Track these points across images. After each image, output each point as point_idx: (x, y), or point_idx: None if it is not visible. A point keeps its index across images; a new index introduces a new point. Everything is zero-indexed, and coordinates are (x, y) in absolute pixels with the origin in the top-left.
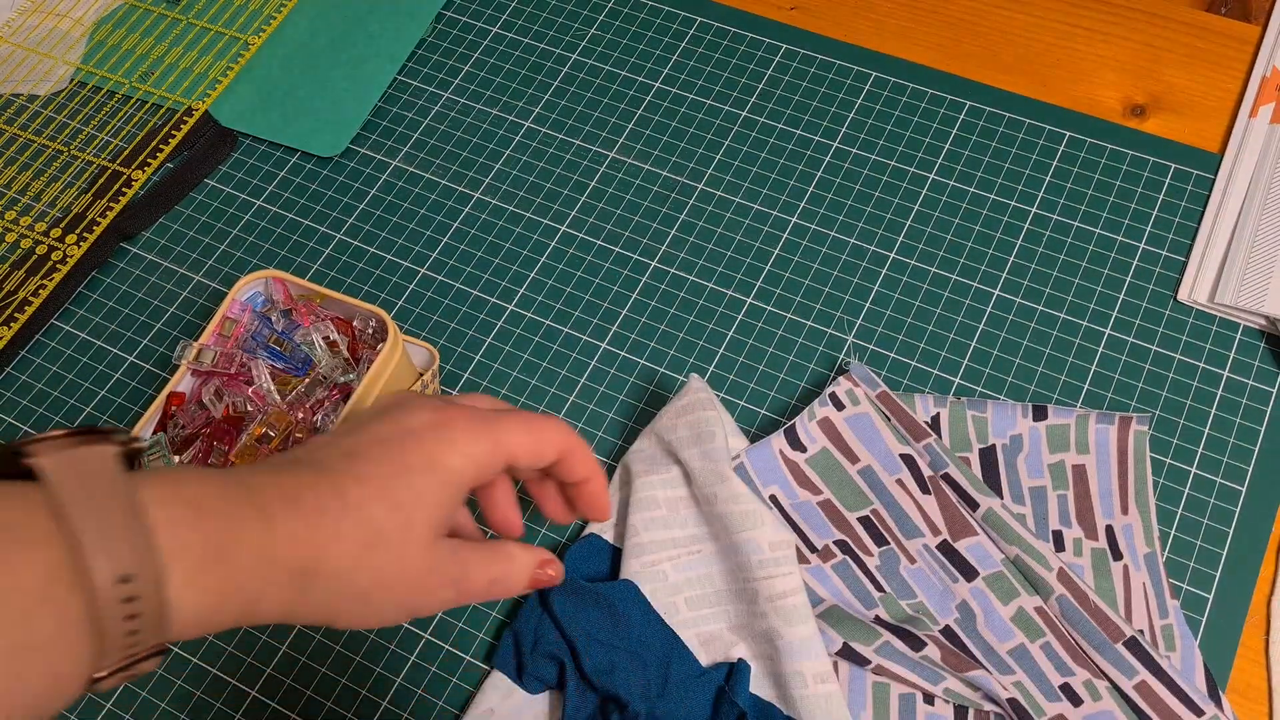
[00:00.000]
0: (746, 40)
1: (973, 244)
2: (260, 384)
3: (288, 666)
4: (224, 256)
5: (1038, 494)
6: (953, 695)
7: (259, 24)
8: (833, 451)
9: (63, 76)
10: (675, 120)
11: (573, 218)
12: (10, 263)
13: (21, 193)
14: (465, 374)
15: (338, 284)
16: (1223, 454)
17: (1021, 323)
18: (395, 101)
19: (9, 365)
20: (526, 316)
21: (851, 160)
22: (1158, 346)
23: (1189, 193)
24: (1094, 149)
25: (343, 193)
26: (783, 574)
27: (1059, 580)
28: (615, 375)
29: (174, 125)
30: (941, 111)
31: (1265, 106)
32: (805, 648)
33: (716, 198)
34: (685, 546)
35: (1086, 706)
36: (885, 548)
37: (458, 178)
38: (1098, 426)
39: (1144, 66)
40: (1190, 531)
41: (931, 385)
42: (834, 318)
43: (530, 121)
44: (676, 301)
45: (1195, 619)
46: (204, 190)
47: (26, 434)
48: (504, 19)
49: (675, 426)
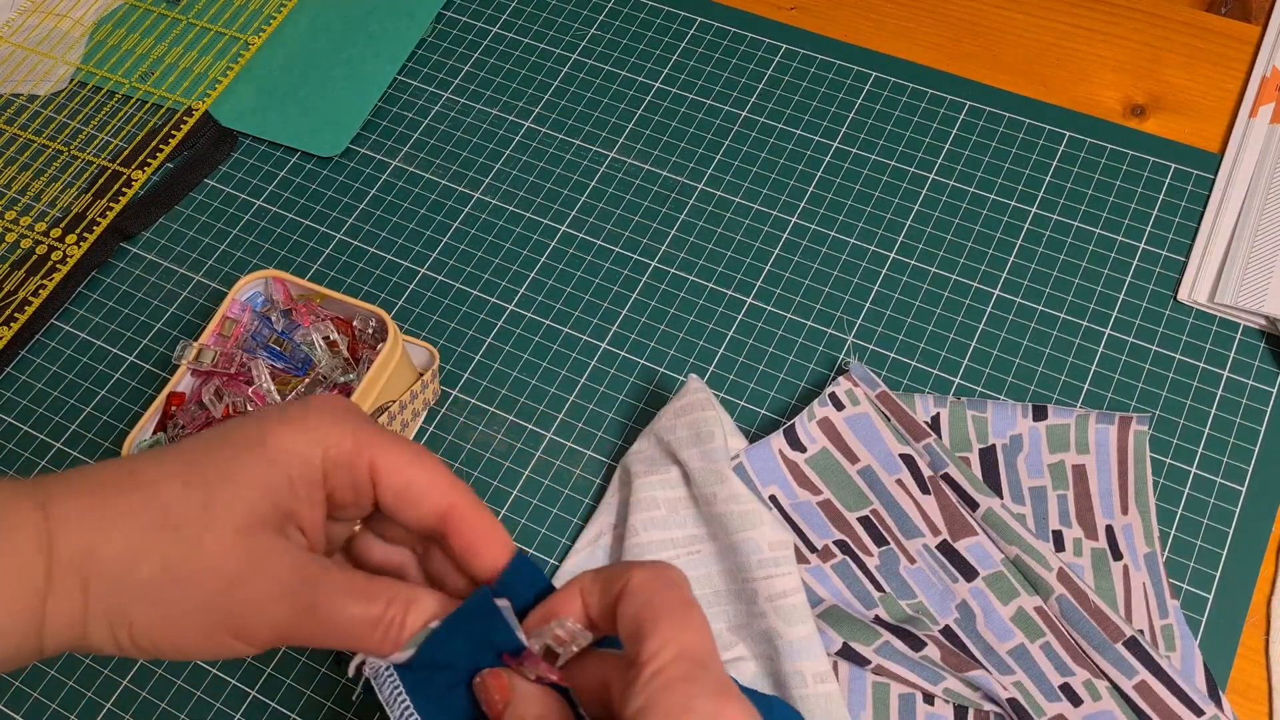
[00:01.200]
0: (746, 40)
1: (973, 244)
2: (260, 384)
3: (288, 666)
4: (224, 256)
5: (1038, 494)
6: (953, 695)
7: (259, 24)
8: (832, 451)
9: (63, 76)
10: (675, 120)
11: (573, 218)
12: (10, 263)
13: (21, 193)
14: (465, 374)
15: (338, 284)
16: (1223, 454)
17: (1021, 323)
18: (395, 101)
19: (9, 365)
20: (526, 316)
21: (851, 160)
22: (1158, 346)
23: (1189, 193)
24: (1094, 149)
25: (343, 193)
26: (782, 574)
27: (1059, 580)
28: (615, 375)
29: (174, 125)
30: (941, 111)
31: (1265, 106)
32: (805, 647)
33: (716, 198)
34: (685, 547)
35: (1086, 706)
36: (885, 548)
37: (458, 178)
38: (1098, 426)
39: (1144, 66)
40: (1190, 531)
41: (931, 385)
42: (834, 318)
43: (530, 121)
44: (676, 301)
45: (1195, 619)
46: (204, 190)
47: (27, 434)
48: (504, 19)
49: (674, 427)
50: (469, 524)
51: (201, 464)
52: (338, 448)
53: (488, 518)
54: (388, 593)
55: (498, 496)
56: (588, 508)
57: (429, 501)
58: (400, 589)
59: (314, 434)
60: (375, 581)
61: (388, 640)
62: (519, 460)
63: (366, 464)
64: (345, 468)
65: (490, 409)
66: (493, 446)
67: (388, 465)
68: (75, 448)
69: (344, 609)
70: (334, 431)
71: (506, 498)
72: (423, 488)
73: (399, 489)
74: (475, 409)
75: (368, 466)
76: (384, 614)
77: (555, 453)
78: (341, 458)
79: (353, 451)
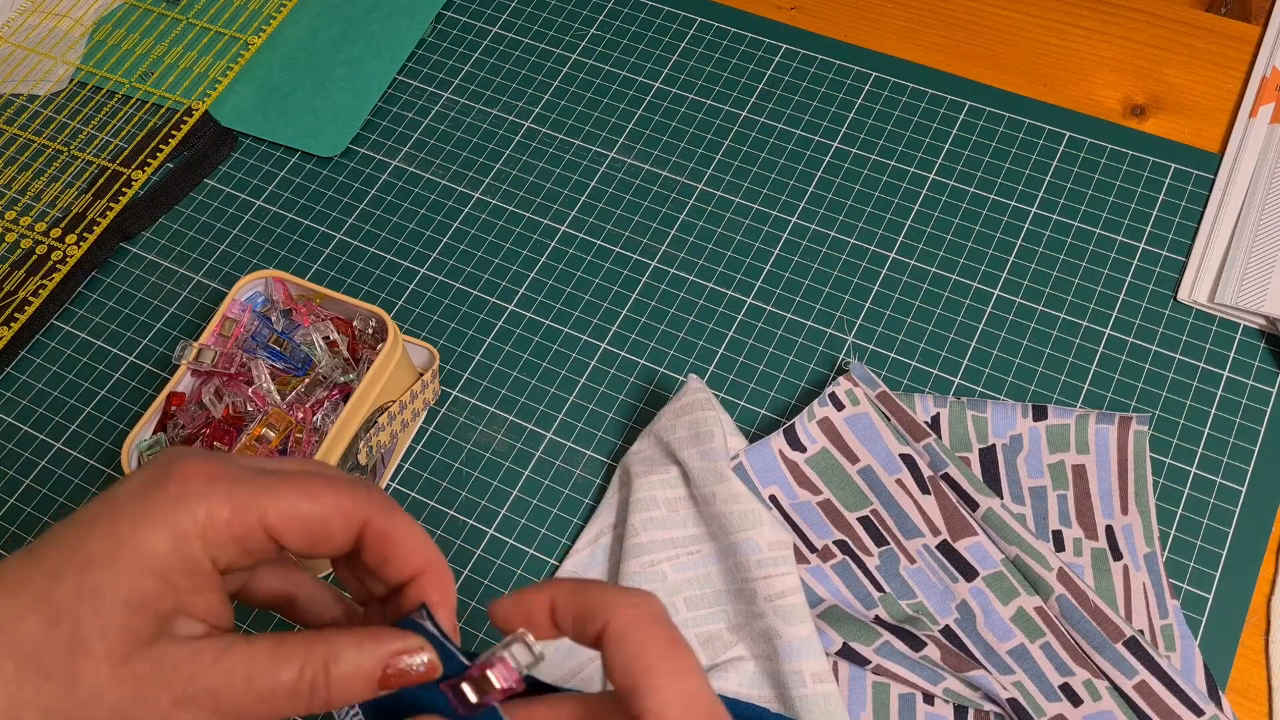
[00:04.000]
0: (746, 40)
1: (973, 244)
2: (260, 384)
3: None
4: (224, 256)
5: (1038, 494)
6: (953, 695)
7: (259, 24)
8: (832, 451)
9: (63, 76)
10: (675, 120)
11: (573, 218)
12: (10, 263)
13: (21, 193)
14: (465, 374)
15: (338, 284)
16: (1223, 454)
17: (1021, 323)
18: (395, 101)
19: (9, 365)
20: (526, 316)
21: (851, 160)
22: (1158, 346)
23: (1189, 193)
24: (1094, 149)
25: (343, 193)
26: (781, 573)
27: (1059, 580)
28: (615, 375)
29: (174, 125)
30: (941, 111)
31: (1265, 106)
32: (804, 647)
33: (716, 198)
34: (684, 546)
35: (1086, 706)
36: (885, 548)
37: (458, 178)
38: (1098, 426)
39: (1144, 66)
40: (1190, 531)
41: (931, 385)
42: (834, 318)
43: (530, 121)
44: (676, 301)
45: (1195, 619)
46: (204, 190)
47: (27, 434)
48: (504, 19)
49: (674, 427)
50: (386, 536)
51: (56, 593)
52: (215, 524)
53: (403, 522)
54: (297, 655)
55: (498, 496)
56: (588, 508)
57: (338, 531)
58: (310, 646)
59: (182, 521)
60: (282, 646)
61: (317, 699)
62: (519, 460)
63: (256, 524)
64: (232, 540)
65: (490, 409)
66: (493, 446)
67: (281, 517)
68: (75, 448)
69: (250, 689)
70: (203, 507)
71: (506, 498)
72: (326, 520)
73: (303, 534)
74: (475, 409)
75: (258, 526)
76: (300, 679)
77: (555, 453)
78: (224, 531)
79: (234, 520)
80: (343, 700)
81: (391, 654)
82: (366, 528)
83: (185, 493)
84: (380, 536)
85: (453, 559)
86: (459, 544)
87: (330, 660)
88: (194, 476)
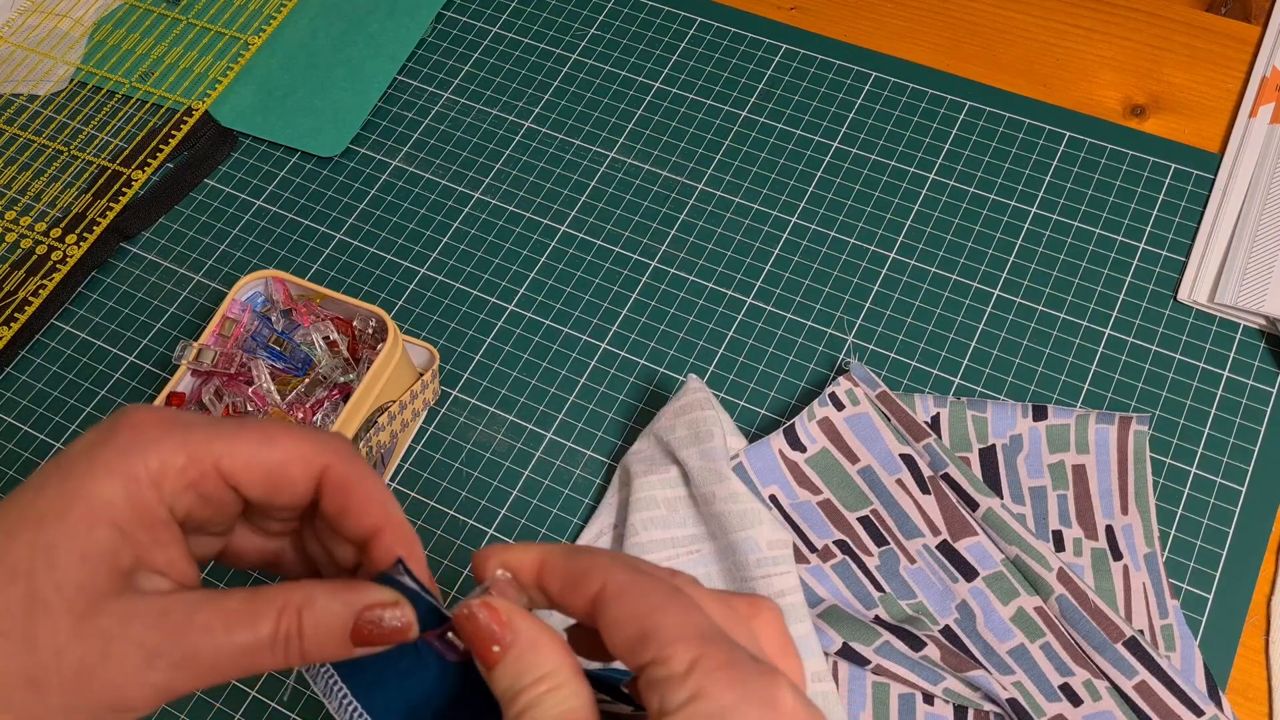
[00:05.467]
0: (746, 40)
1: (973, 244)
2: (260, 384)
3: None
4: (224, 256)
5: (1038, 494)
6: (952, 695)
7: (259, 24)
8: (832, 451)
9: (63, 76)
10: (675, 120)
11: (573, 218)
12: (10, 263)
13: (21, 193)
14: (465, 374)
15: (338, 284)
16: (1223, 454)
17: (1021, 323)
18: (395, 101)
19: (9, 365)
20: (526, 316)
21: (851, 160)
22: (1158, 346)
23: (1189, 193)
24: (1094, 149)
25: (343, 193)
26: (780, 573)
27: (1059, 580)
28: (615, 375)
29: (174, 125)
30: (941, 111)
31: (1265, 106)
32: (802, 647)
33: (716, 198)
34: (684, 546)
35: (1086, 706)
36: (885, 548)
37: (458, 178)
38: (1098, 426)
39: (1144, 66)
40: (1190, 531)
41: (931, 385)
42: (834, 318)
43: (530, 121)
44: (676, 301)
45: (1195, 619)
46: (204, 190)
47: (27, 434)
48: (504, 19)
49: (674, 426)
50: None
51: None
52: (169, 471)
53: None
54: (273, 605)
55: (498, 496)
56: (588, 508)
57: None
58: (287, 595)
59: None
60: (256, 598)
61: (292, 654)
62: (519, 460)
63: (213, 471)
64: (188, 487)
65: (490, 409)
66: (493, 446)
67: (237, 463)
68: None
69: (228, 643)
70: (156, 455)
71: (506, 498)
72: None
73: (262, 480)
74: (475, 409)
75: (215, 473)
76: (276, 631)
77: (555, 453)
78: (179, 479)
79: (189, 466)
80: (316, 652)
81: (367, 605)
82: (326, 474)
83: (137, 440)
84: (339, 484)
85: (453, 559)
86: (459, 544)
87: (305, 606)
88: (145, 425)
